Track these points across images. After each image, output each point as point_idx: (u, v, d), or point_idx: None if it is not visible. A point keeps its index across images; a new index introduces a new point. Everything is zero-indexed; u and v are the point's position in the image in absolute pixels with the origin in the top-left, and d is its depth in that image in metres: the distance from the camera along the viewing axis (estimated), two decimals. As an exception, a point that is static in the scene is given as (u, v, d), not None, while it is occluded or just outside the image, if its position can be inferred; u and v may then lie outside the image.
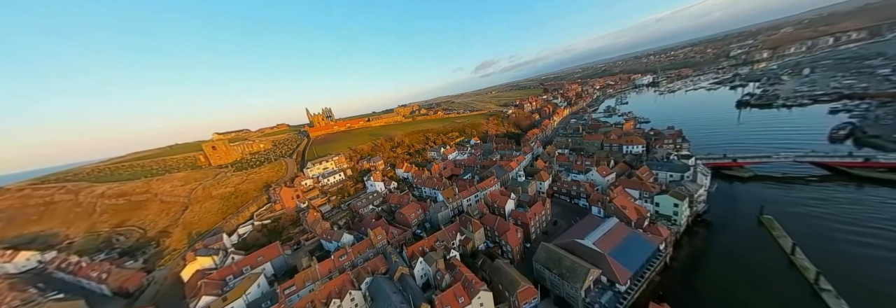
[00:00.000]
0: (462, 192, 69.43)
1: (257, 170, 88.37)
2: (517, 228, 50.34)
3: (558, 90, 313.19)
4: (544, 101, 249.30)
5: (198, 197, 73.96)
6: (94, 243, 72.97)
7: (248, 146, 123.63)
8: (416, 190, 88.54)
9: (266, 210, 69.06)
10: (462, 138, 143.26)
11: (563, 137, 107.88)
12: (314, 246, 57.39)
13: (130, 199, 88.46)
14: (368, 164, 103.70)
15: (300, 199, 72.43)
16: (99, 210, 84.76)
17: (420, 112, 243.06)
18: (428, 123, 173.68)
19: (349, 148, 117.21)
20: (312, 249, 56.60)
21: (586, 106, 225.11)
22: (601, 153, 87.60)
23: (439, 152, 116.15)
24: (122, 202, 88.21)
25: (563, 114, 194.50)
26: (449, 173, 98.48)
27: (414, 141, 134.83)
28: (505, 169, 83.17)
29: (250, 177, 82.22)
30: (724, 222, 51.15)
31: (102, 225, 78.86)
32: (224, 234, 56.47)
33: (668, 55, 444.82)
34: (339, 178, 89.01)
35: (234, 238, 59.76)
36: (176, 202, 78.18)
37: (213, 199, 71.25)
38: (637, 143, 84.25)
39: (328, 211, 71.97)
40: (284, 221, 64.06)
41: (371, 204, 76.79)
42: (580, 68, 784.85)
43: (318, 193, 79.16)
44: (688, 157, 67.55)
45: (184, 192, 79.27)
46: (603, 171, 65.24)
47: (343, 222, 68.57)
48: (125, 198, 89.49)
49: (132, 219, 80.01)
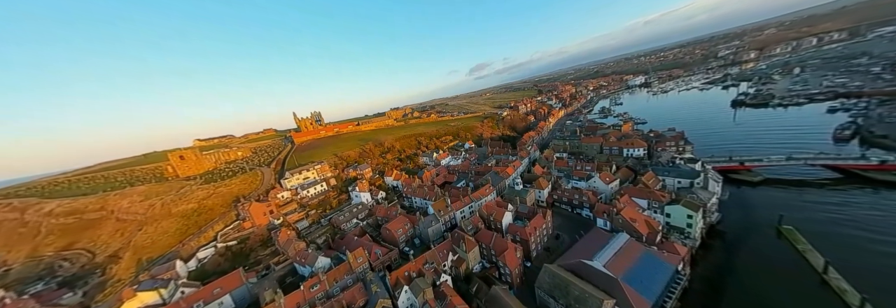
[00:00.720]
0: (455, 204, 63.93)
1: (228, 182, 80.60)
2: (516, 246, 45.01)
3: (552, 91, 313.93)
4: (539, 102, 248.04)
5: (155, 215, 65.90)
6: (35, 271, 63.82)
7: (223, 155, 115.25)
8: (406, 200, 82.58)
9: (233, 229, 61.69)
10: (456, 142, 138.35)
11: (561, 140, 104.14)
12: (286, 271, 50.53)
13: (82, 217, 79.28)
14: (355, 172, 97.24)
15: (274, 215, 65.41)
16: (44, 231, 75.28)
17: (413, 115, 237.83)
18: (421, 127, 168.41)
19: (335, 155, 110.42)
20: (284, 275, 49.71)
21: (581, 107, 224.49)
22: (601, 157, 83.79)
23: (432, 158, 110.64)
24: (72, 221, 78.91)
25: (559, 115, 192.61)
26: (442, 180, 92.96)
27: (405, 146, 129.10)
28: (501, 176, 78.21)
29: (219, 190, 74.51)
30: (740, 234, 47.03)
31: (46, 248, 69.65)
32: (178, 261, 49.03)
33: (657, 56, 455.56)
34: (321, 188, 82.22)
35: (193, 263, 52.32)
36: (133, 221, 69.82)
37: (172, 217, 63.43)
38: (638, 145, 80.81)
39: (305, 228, 65.10)
40: (253, 242, 56.94)
41: (355, 218, 70.32)
42: (573, 70, 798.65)
43: (296, 207, 72.21)
44: (694, 160, 64.07)
45: (142, 209, 71.05)
46: (606, 177, 60.91)
47: (322, 240, 61.81)
48: (76, 216, 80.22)
49: (82, 240, 71.05)
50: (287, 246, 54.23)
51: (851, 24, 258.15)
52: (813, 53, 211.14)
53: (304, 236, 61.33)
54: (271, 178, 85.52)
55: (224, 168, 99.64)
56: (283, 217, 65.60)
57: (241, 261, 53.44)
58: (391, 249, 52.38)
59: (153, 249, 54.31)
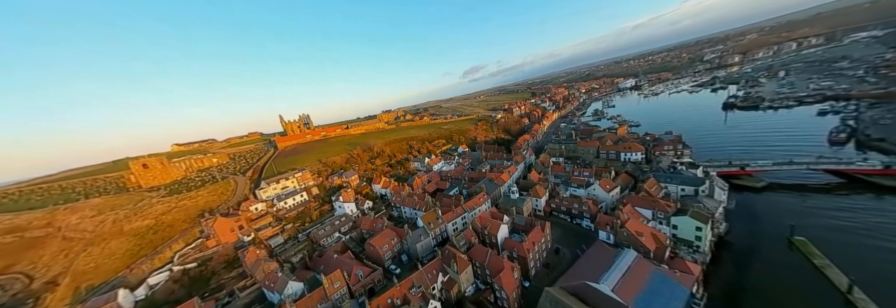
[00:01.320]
0: (447, 215, 59.27)
1: (194, 193, 73.29)
2: (513, 266, 40.64)
3: (546, 94, 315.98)
4: (533, 105, 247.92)
5: (104, 233, 58.28)
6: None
7: (196, 162, 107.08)
8: (395, 209, 77.35)
9: (194, 249, 54.90)
10: (449, 146, 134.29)
11: (556, 144, 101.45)
12: (254, 297, 44.39)
13: (24, 235, 70.33)
14: (340, 179, 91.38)
15: (243, 231, 58.97)
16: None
17: (405, 118, 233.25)
18: (413, 130, 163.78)
19: (319, 161, 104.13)
20: (250, 303, 43.55)
21: (574, 109, 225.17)
22: (599, 162, 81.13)
23: (424, 163, 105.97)
24: (12, 240, 69.81)
25: (553, 118, 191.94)
26: (433, 187, 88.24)
27: (396, 150, 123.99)
28: (495, 183, 74.19)
29: (182, 203, 67.30)
30: (750, 246, 44.17)
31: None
32: (121, 291, 42.18)
33: (646, 60, 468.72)
34: (301, 199, 76.01)
35: (142, 291, 45.44)
36: (81, 239, 61.77)
37: (123, 236, 56.06)
38: (635, 150, 78.60)
39: (280, 245, 58.87)
40: (215, 263, 50.46)
41: (337, 231, 64.56)
42: (565, 73, 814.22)
43: (271, 221, 65.88)
44: (694, 166, 61.85)
45: (91, 226, 63.15)
46: (606, 185, 57.69)
47: (299, 259, 55.77)
48: (18, 234, 71.15)
49: (21, 262, 62.32)
50: (255, 267, 48.10)
51: (827, 30, 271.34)
52: (794, 57, 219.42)
53: (277, 255, 55.16)
54: (246, 187, 78.73)
55: (195, 177, 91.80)
56: (255, 233, 59.23)
57: (201, 287, 46.88)
58: (374, 269, 47.07)
59: (96, 275, 47.06)
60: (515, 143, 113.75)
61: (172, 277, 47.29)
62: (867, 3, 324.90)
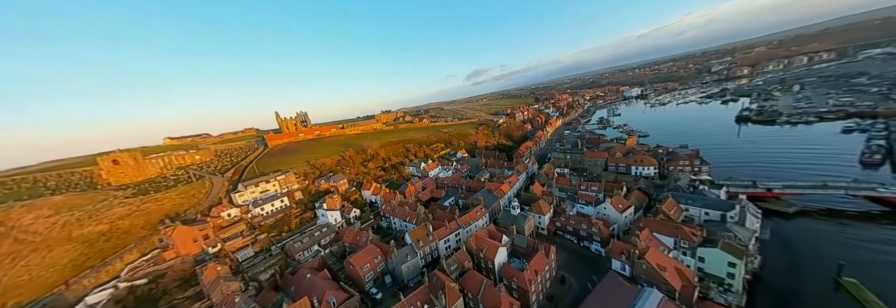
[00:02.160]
0: (439, 230, 53.16)
1: (161, 195, 67.05)
2: (511, 302, 34.50)
3: (550, 100, 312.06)
4: (536, 110, 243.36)
5: (50, 238, 51.88)
6: None
7: (177, 158, 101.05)
8: (384, 219, 71.17)
9: (149, 261, 48.52)
10: (447, 150, 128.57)
11: (561, 154, 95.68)
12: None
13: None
14: (327, 183, 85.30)
15: (209, 242, 52.65)
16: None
17: (404, 119, 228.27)
18: (411, 132, 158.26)
19: (307, 162, 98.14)
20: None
21: (579, 116, 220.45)
22: (607, 175, 75.28)
23: (419, 168, 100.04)
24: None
25: (556, 124, 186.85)
26: (428, 196, 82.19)
27: (391, 153, 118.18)
28: (495, 194, 68.22)
29: (145, 206, 61.02)
30: (791, 287, 38.05)
31: None
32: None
33: (652, 69, 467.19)
34: (281, 204, 69.81)
35: None
36: (32, 242, 55.23)
37: (70, 242, 49.71)
38: (648, 164, 72.86)
39: (249, 258, 52.50)
40: (168, 280, 44.08)
41: (316, 243, 58.25)
42: (568, 79, 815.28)
43: (244, 229, 59.57)
44: (714, 185, 56.11)
45: (43, 228, 56.75)
46: (618, 203, 51.77)
47: (268, 276, 49.38)
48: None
49: (-41, 267, 55.66)
50: (213, 287, 41.75)
51: (838, 45, 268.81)
52: (806, 72, 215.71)
53: (243, 271, 48.75)
54: (222, 190, 72.57)
55: (171, 176, 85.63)
56: (222, 244, 52.89)
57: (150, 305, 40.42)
58: (351, 296, 40.73)
59: (27, 290, 40.61)
60: (517, 151, 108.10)
61: (115, 296, 40.89)
62: (878, 20, 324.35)
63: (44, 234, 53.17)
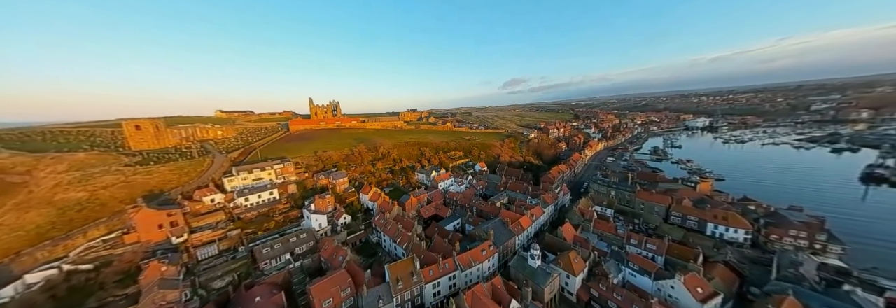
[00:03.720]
0: (428, 269, 41.80)
1: (155, 168, 65.57)
2: None
3: (591, 119, 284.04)
4: (574, 128, 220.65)
5: (32, 198, 51.09)
6: None
7: (201, 131, 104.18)
8: (375, 234, 61.75)
9: (107, 243, 44.41)
10: (465, 160, 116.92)
11: (604, 186, 78.25)
12: None
13: (4, 178, 68.30)
14: (327, 179, 79.01)
15: (176, 230, 47.52)
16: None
17: (427, 120, 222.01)
18: (430, 135, 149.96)
19: (314, 153, 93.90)
20: None
21: (627, 142, 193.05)
22: (671, 230, 56.99)
23: (429, 176, 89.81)
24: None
25: (597, 148, 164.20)
26: (431, 212, 71.38)
27: (404, 154, 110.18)
28: (511, 228, 54.80)
29: (133, 177, 59.23)
30: None
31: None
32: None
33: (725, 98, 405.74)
34: (270, 197, 64.20)
35: (10, 291, 34.86)
36: (26, 199, 55.35)
37: (48, 206, 48.21)
38: (736, 224, 53.45)
39: (209, 258, 46.16)
40: (111, 272, 38.74)
41: (289, 252, 50.43)
42: (616, 99, 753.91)
43: (221, 220, 54.16)
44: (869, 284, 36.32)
45: (48, 184, 57.26)
46: (696, 284, 35.40)
47: (223, 285, 42.19)
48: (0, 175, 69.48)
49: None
50: (149, 292, 35.13)
51: None
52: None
53: (196, 274, 42.11)
54: (219, 171, 69.57)
55: (185, 148, 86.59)
56: (188, 234, 47.42)
57: (75, 303, 34.96)
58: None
59: (23, 238, 37.93)
60: (546, 174, 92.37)
61: (51, 281, 36.45)
62: None
63: (38, 191, 52.63)
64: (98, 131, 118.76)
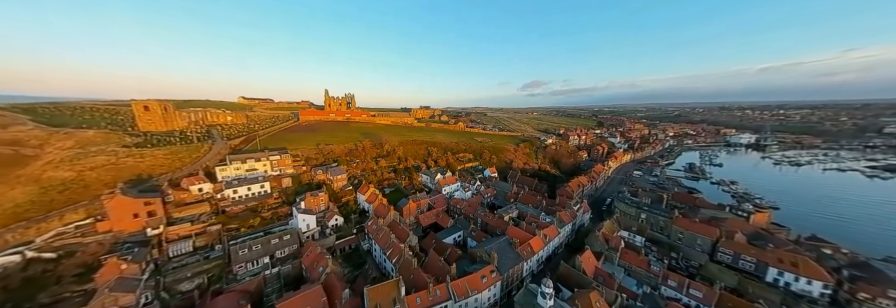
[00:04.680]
0: (415, 298, 35.21)
1: (149, 151, 63.81)
2: None
3: (617, 127, 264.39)
4: (597, 137, 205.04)
5: (27, 174, 49.93)
6: None
7: (211, 116, 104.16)
8: (366, 240, 56.16)
9: (78, 230, 41.68)
10: (474, 164, 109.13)
11: (632, 207, 67.71)
12: None
13: (19, 150, 69.93)
14: (324, 175, 74.63)
15: (153, 220, 44.22)
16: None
17: (440, 118, 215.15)
18: (440, 134, 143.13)
19: (317, 145, 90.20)
20: None
21: (657, 155, 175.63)
22: (722, 273, 46.30)
23: (433, 179, 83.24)
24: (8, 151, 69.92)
25: (622, 159, 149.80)
26: (431, 220, 65.07)
27: (410, 153, 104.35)
28: (518, 251, 46.95)
29: (123, 160, 57.36)
30: None
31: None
32: None
33: (774, 113, 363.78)
34: (261, 190, 60.40)
35: (-36, 277, 32.41)
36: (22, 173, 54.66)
37: (34, 183, 46.73)
38: (811, 274, 42.11)
39: (182, 255, 42.35)
40: (71, 264, 35.54)
41: (268, 256, 45.85)
42: (644, 107, 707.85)
43: (205, 213, 50.63)
44: None
45: (46, 159, 56.68)
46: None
47: (189, 289, 38.11)
48: (15, 147, 71.37)
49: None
50: (100, 294, 31.30)
51: None
52: None
53: (162, 274, 38.24)
54: (215, 158, 66.89)
55: (191, 131, 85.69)
56: (164, 227, 43.95)
57: (23, 297, 31.83)
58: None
59: None
60: (564, 187, 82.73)
61: (8, 268, 33.77)
62: None
63: (30, 167, 51.55)
64: (123, 110, 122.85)
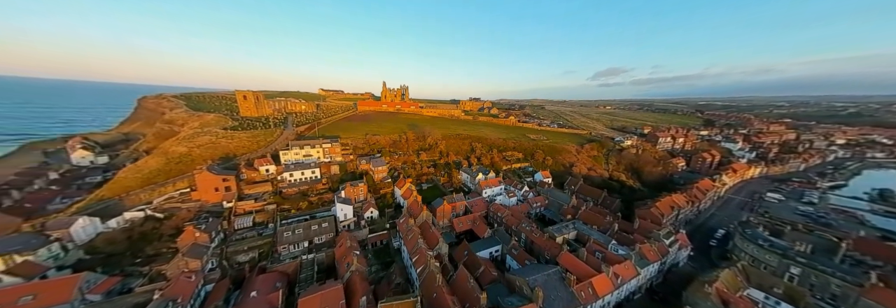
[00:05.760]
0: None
1: (238, 133, 76.62)
2: None
3: (738, 128, 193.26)
4: (703, 139, 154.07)
5: (161, 148, 65.86)
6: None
7: (291, 105, 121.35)
8: (397, 238, 53.95)
9: (181, 196, 51.88)
10: (524, 165, 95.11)
11: (773, 254, 44.18)
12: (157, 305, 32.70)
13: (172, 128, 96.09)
14: (367, 165, 76.02)
15: (228, 195, 51.54)
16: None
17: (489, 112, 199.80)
18: (487, 129, 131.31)
19: (365, 135, 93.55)
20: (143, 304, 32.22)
21: (811, 174, 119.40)
22: None
23: (474, 179, 75.29)
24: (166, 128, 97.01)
25: (747, 174, 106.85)
26: (466, 227, 58.43)
27: (453, 148, 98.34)
28: (576, 294, 35.59)
29: (220, 140, 69.78)
30: None
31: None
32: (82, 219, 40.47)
33: None
34: (312, 175, 64.87)
35: (114, 223, 43.93)
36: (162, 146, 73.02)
37: (162, 156, 61.07)
38: None
39: (243, 229, 48.03)
40: (170, 225, 43.77)
41: (307, 241, 48.09)
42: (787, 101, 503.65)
43: (268, 191, 57.01)
44: None
45: (181, 135, 74.54)
46: None
47: (247, 260, 42.91)
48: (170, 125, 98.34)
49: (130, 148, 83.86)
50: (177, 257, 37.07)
51: None
52: None
53: (226, 243, 43.82)
54: (283, 143, 75.75)
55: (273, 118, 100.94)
56: (234, 201, 50.71)
57: (139, 247, 40.71)
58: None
59: (111, 189, 49.83)
60: (647, 206, 61.97)
61: (134, 222, 44.25)
62: None
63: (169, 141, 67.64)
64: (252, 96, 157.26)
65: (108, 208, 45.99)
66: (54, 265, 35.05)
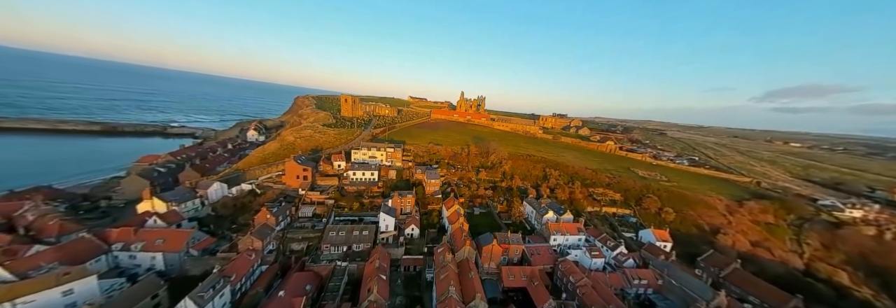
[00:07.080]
0: None
1: (329, 130, 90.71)
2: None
3: None
4: None
5: (283, 135, 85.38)
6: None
7: (378, 108, 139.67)
8: (430, 270, 46.56)
9: (278, 177, 63.10)
10: (622, 212, 68.55)
11: None
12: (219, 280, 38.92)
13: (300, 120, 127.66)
14: (422, 175, 73.51)
15: (304, 183, 59.01)
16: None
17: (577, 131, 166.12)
18: (571, 153, 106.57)
19: (428, 143, 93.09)
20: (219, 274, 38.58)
21: None
22: None
23: (542, 217, 59.20)
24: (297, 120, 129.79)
25: None
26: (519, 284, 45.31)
27: (519, 171, 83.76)
28: None
29: (315, 135, 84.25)
30: None
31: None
32: (217, 183, 54.15)
33: None
34: (372, 177, 67.46)
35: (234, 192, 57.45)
36: None
37: (280, 142, 78.73)
38: None
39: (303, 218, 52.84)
40: (259, 202, 52.80)
41: (346, 245, 47.80)
42: None
43: (334, 186, 62.59)
44: None
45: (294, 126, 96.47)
46: None
47: (298, 249, 46.35)
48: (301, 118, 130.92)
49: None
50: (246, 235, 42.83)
51: None
52: None
53: (287, 229, 48.79)
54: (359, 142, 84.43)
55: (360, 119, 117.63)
56: (306, 191, 57.36)
57: (237, 215, 50.55)
58: None
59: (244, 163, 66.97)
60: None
61: (240, 194, 56.21)
62: None
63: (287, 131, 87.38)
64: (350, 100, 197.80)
65: (237, 178, 61.05)
66: (188, 216, 47.47)
